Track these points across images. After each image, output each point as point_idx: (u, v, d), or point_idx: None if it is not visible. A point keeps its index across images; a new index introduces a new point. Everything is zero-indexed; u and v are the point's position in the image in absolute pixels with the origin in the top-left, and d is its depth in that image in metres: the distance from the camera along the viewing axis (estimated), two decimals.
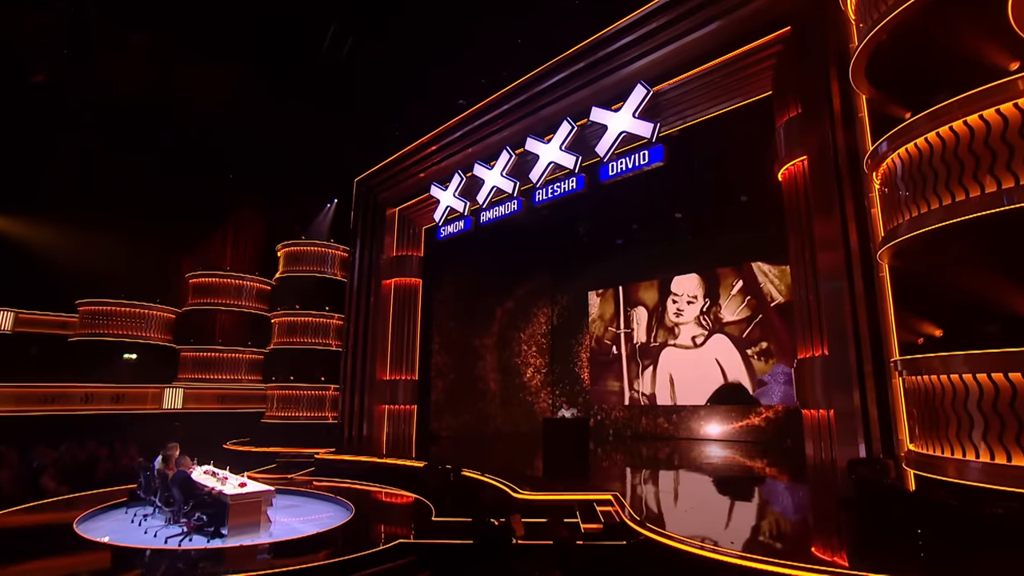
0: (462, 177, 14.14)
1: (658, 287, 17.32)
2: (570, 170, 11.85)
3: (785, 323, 14.19)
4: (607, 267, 18.31)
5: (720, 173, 13.25)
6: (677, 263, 16.64)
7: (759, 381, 14.29)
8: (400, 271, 16.15)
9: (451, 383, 17.22)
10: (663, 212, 15.64)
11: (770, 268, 14.79)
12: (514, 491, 8.45)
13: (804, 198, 8.79)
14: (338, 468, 12.35)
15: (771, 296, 14.68)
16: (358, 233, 16.74)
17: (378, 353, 15.54)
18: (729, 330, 15.41)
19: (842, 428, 7.58)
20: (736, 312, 15.31)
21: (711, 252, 15.78)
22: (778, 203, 12.94)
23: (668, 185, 13.48)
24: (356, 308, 16.16)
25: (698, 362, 15.87)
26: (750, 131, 11.18)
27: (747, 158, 12.20)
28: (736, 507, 7.97)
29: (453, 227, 14.35)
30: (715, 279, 15.94)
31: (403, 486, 10.39)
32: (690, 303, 16.33)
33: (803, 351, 8.67)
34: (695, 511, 7.31)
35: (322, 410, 16.62)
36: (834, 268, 7.83)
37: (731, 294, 15.46)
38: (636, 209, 15.57)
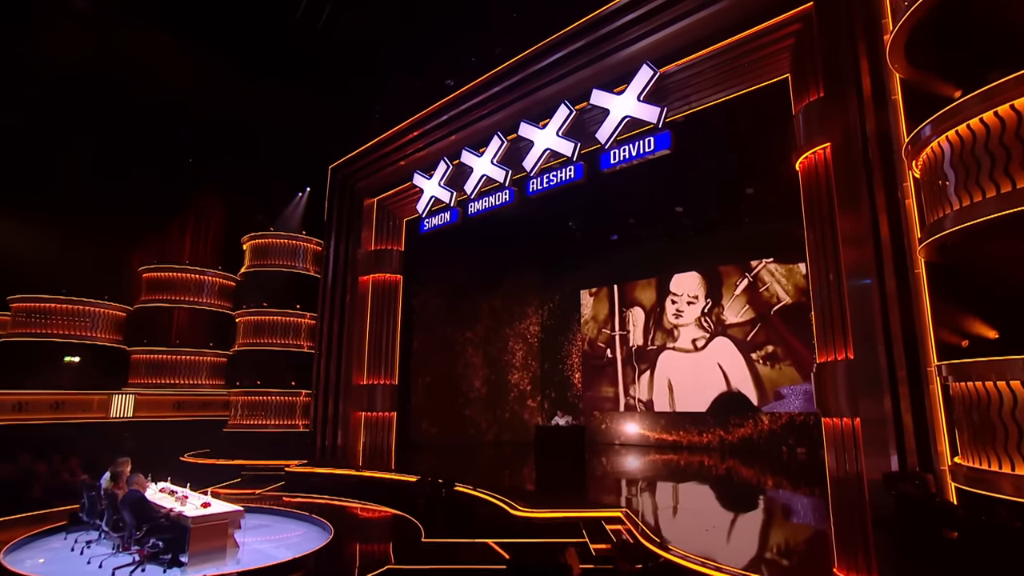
0: (448, 165, 13.75)
1: (656, 286, 17.15)
2: (568, 158, 11.51)
3: (793, 325, 14.14)
4: (601, 264, 18.10)
5: (726, 164, 13.05)
6: (677, 260, 16.49)
7: (776, 393, 14.10)
8: (379, 267, 15.75)
9: (433, 388, 16.89)
10: (662, 205, 15.43)
11: (777, 267, 14.69)
12: (513, 508, 8.02)
13: (825, 189, 8.56)
14: (311, 482, 11.87)
15: (777, 297, 14.57)
16: (333, 225, 16.30)
17: (354, 355, 15.13)
18: (732, 333, 15.26)
19: (870, 438, 7.35)
20: (740, 314, 15.16)
21: (713, 249, 15.65)
22: (788, 196, 12.81)
23: (669, 176, 13.23)
24: (330, 306, 15.72)
25: (699, 367, 15.71)
26: (761, 118, 10.97)
27: (756, 148, 11.99)
28: (759, 526, 7.67)
29: (438, 219, 13.96)
30: (717, 278, 15.78)
31: (385, 502, 9.93)
32: (690, 303, 16.16)
33: (824, 355, 8.44)
34: (717, 530, 6.98)
35: (292, 418, 16.07)
36: (861, 265, 7.60)
37: (735, 294, 15.33)
38: (634, 202, 15.36)
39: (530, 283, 19.42)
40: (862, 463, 7.54)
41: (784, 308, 14.46)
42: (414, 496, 9.09)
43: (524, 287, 19.30)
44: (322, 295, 15.94)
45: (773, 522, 7.92)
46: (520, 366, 19.04)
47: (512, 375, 18.83)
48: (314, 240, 17.29)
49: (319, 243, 17.13)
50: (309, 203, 17.77)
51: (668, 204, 15.46)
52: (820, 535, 6.92)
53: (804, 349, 13.86)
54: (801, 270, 14.09)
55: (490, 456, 15.36)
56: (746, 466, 12.53)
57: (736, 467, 12.43)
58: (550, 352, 19.22)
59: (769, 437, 14.24)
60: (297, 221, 17.54)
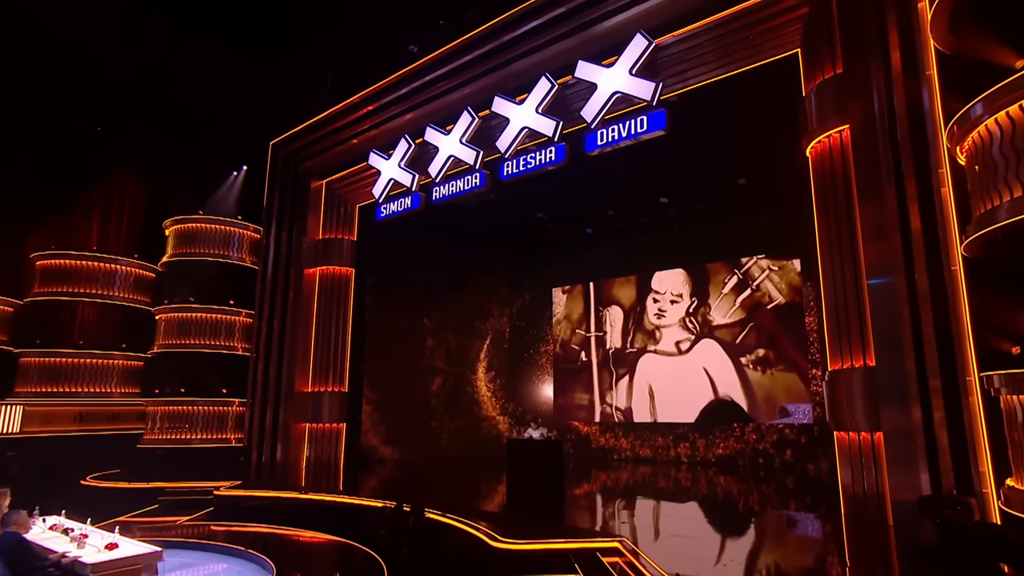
0: (410, 144, 13.09)
1: (636, 283, 16.98)
2: (548, 138, 10.97)
3: (786, 327, 14.11)
4: (576, 259, 17.88)
5: (718, 150, 12.78)
6: (659, 256, 16.38)
7: (782, 409, 13.98)
8: (327, 258, 15.04)
9: (389, 396, 16.34)
10: (645, 195, 15.12)
11: (770, 263, 14.66)
12: (492, 539, 7.36)
13: (842, 178, 8.29)
14: (246, 507, 11.02)
15: (770, 296, 14.53)
16: (274, 210, 15.44)
17: (298, 359, 14.36)
18: (720, 335, 15.18)
19: (895, 455, 7.06)
20: (728, 314, 15.10)
21: (700, 243, 15.57)
22: (784, 187, 12.97)
23: (653, 164, 12.94)
24: (270, 302, 14.87)
25: (683, 372, 15.59)
26: (763, 99, 10.73)
27: (754, 133, 11.72)
28: (774, 556, 7.23)
29: (397, 205, 13.30)
30: (704, 275, 15.71)
31: (335, 530, 9.17)
32: (674, 302, 16.06)
33: (837, 361, 8.14)
34: (735, 565, 6.51)
35: (223, 430, 15.12)
36: (886, 261, 7.29)
37: (722, 293, 15.25)
38: (613, 191, 14.96)
39: (498, 279, 19.12)
40: (884, 483, 7.27)
41: (777, 308, 14.41)
42: (373, 525, 8.33)
43: (491, 284, 18.97)
44: (260, 289, 15.11)
45: (803, 554, 7.61)
46: (486, 371, 18.67)
47: (478, 381, 18.45)
48: (251, 226, 16.37)
49: (257, 230, 16.23)
50: (246, 184, 16.75)
51: (651, 194, 15.13)
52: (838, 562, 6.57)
53: (798, 353, 13.84)
54: (796, 267, 14.12)
55: (455, 473, 14.83)
56: (741, 483, 12.35)
57: (729, 484, 12.23)
58: (519, 355, 18.92)
59: (761, 451, 14.17)
60: (231, 204, 16.53)
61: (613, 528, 8.17)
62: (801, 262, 13.93)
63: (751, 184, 13.65)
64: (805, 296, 13.90)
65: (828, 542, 7.68)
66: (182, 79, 14.60)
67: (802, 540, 8.08)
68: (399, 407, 16.48)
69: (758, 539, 8.09)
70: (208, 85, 14.73)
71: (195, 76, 14.53)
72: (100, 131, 15.82)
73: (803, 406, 13.68)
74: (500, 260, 18.98)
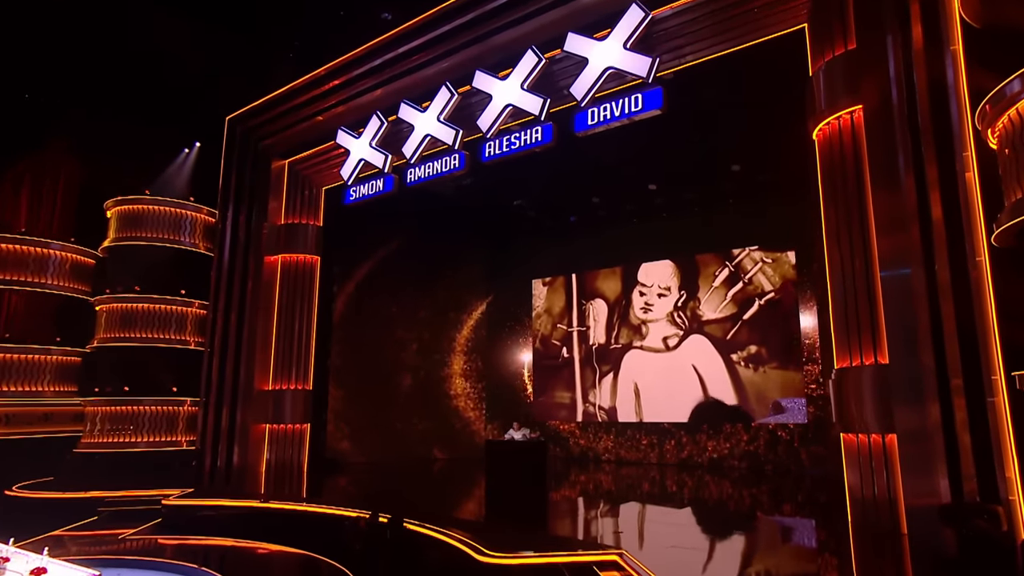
0: (382, 121, 12.69)
1: (621, 276, 16.85)
2: (534, 116, 10.67)
3: (780, 323, 14.07)
4: (558, 249, 17.77)
5: (712, 134, 12.66)
6: (647, 246, 16.27)
7: (776, 405, 13.91)
8: (291, 245, 14.59)
9: (358, 394, 16.05)
10: (632, 182, 15.01)
11: (763, 255, 14.64)
12: (478, 552, 7.00)
13: (852, 162, 8.10)
14: (199, 518, 10.55)
15: (762, 289, 14.53)
16: (231, 191, 14.90)
17: (257, 354, 13.94)
18: (710, 330, 15.13)
19: (910, 459, 6.90)
20: (719, 308, 15.06)
21: (690, 234, 15.53)
22: (780, 174, 13.00)
23: (642, 148, 12.85)
24: (227, 293, 14.39)
25: (670, 369, 15.54)
26: (761, 79, 10.64)
27: (751, 115, 11.69)
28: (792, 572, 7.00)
29: (368, 188, 12.95)
30: (693, 267, 15.63)
31: (300, 543, 8.72)
32: (662, 296, 15.98)
33: (844, 359, 7.97)
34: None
35: (173, 432, 14.56)
36: (902, 252, 7.11)
37: (713, 286, 15.20)
38: (599, 177, 14.82)
39: (474, 270, 18.91)
40: (897, 488, 7.13)
41: (771, 303, 14.39)
42: (346, 537, 7.92)
43: (467, 275, 18.77)
44: (216, 278, 14.62)
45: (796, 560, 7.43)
46: (462, 368, 18.45)
47: (453, 378, 18.22)
48: (205, 209, 15.71)
49: (212, 213, 15.59)
50: (200, 163, 16.12)
51: (639, 180, 15.01)
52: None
53: (792, 350, 13.84)
54: (790, 260, 14.14)
55: (429, 477, 14.58)
56: (733, 486, 12.29)
57: (722, 488, 12.15)
58: (497, 351, 18.74)
59: (753, 452, 14.16)
60: (183, 184, 15.86)
61: (605, 538, 7.85)
62: (796, 254, 13.94)
63: (745, 171, 13.58)
64: (800, 290, 13.89)
65: (835, 552, 7.50)
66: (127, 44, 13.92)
67: (808, 551, 7.92)
68: (369, 406, 16.21)
69: (762, 549, 7.87)
70: (156, 52, 14.06)
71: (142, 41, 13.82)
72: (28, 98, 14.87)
73: (797, 404, 13.66)
74: (477, 249, 18.79)
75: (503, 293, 19.01)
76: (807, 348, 13.61)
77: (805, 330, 13.69)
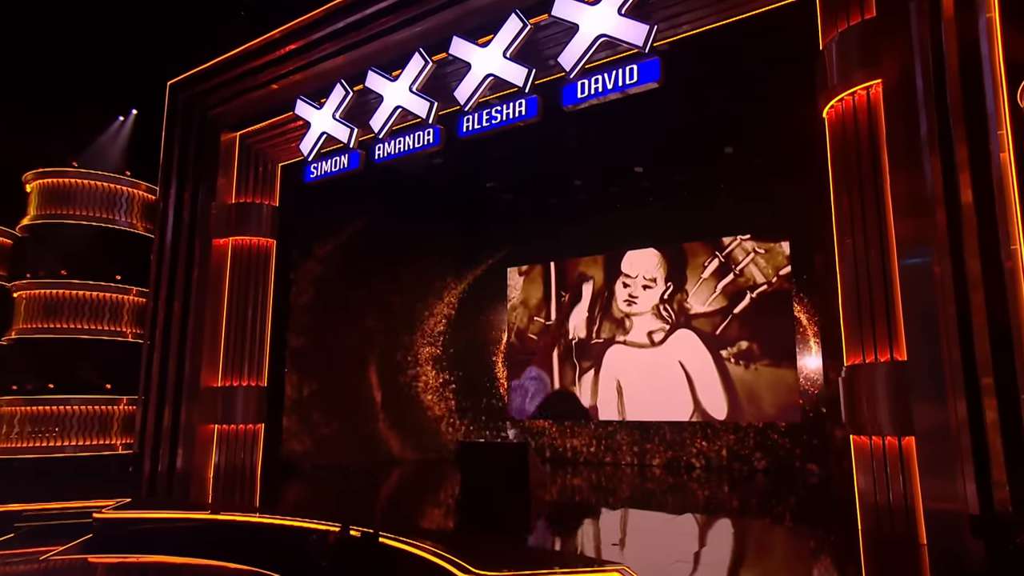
0: (347, 91, 12.26)
1: (604, 265, 16.71)
2: (518, 88, 10.32)
3: (773, 317, 14.04)
4: (535, 236, 17.57)
5: (704, 113, 12.48)
6: (631, 234, 16.14)
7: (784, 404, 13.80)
8: (243, 226, 14.14)
9: (318, 390, 15.72)
10: (617, 163, 14.85)
11: (755, 245, 14.57)
12: (462, 570, 6.55)
13: (868, 142, 7.88)
14: (137, 533, 9.90)
15: (754, 281, 14.49)
16: (174, 165, 14.35)
17: (205, 347, 13.55)
18: (698, 324, 15.07)
19: (931, 464, 6.75)
20: (708, 301, 14.99)
21: (678, 221, 15.41)
22: (778, 159, 12.88)
23: (628, 126, 12.68)
24: (169, 278, 13.94)
25: (655, 365, 15.46)
26: (762, 52, 10.51)
27: (747, 93, 11.57)
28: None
29: (331, 164, 12.57)
30: (681, 257, 15.53)
31: (257, 561, 8.32)
32: (647, 287, 15.87)
33: (855, 355, 7.81)
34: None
35: (107, 435, 14.01)
36: (925, 239, 6.90)
37: (702, 277, 15.12)
38: (581, 158, 14.69)
39: (445, 257, 18.66)
40: (915, 495, 6.97)
41: (763, 295, 14.34)
42: (314, 553, 7.47)
43: (438, 262, 18.52)
44: (157, 262, 14.14)
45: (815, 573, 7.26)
46: (430, 363, 18.20)
47: (421, 374, 17.95)
48: (144, 185, 15.06)
49: (152, 189, 14.99)
50: (136, 133, 15.33)
51: (625, 162, 14.84)
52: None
53: (786, 346, 13.81)
54: (784, 250, 14.12)
55: (397, 481, 14.28)
56: (725, 490, 12.30)
57: (714, 492, 12.17)
58: (468, 345, 18.53)
59: (745, 454, 14.19)
60: (117, 156, 15.09)
61: (601, 550, 7.51)
62: (791, 244, 13.91)
63: (739, 154, 13.47)
64: (795, 283, 13.89)
65: (849, 562, 7.32)
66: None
67: (821, 561, 7.74)
68: (330, 403, 15.89)
69: (774, 561, 7.66)
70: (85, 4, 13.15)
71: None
72: None
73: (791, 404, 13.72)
74: (449, 234, 18.49)
75: (477, 282, 18.77)
76: (802, 344, 13.62)
77: (800, 325, 13.68)
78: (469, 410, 18.14)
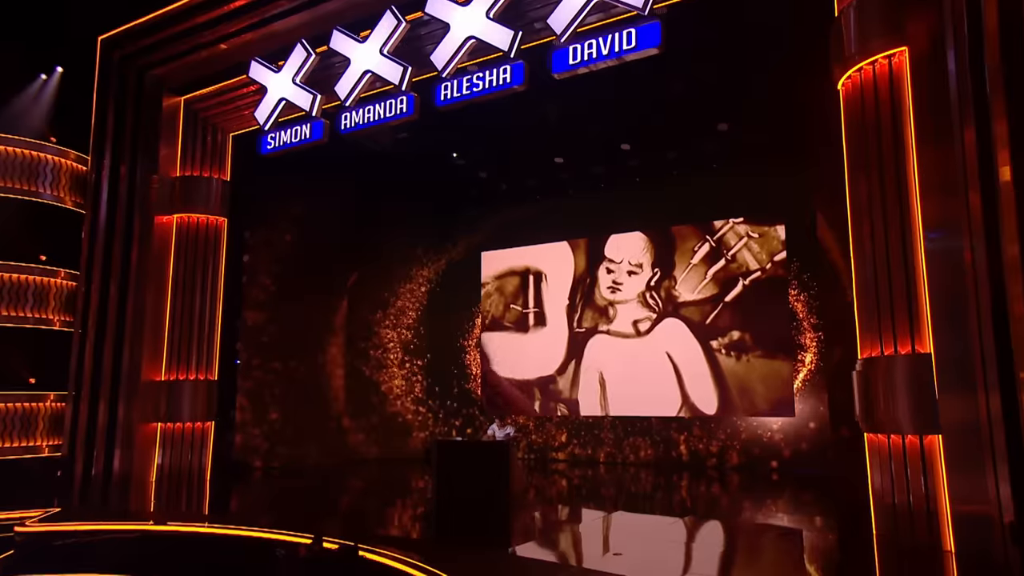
0: (309, 53, 11.81)
1: (586, 250, 16.55)
2: (503, 53, 9.98)
3: (767, 306, 14.04)
4: (512, 218, 17.36)
5: (699, 85, 12.22)
6: (616, 216, 15.99)
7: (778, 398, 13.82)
8: (189, 202, 13.67)
9: (275, 385, 15.50)
10: (601, 140, 14.55)
11: (749, 229, 14.53)
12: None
13: (889, 116, 7.68)
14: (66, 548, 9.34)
15: (747, 267, 14.47)
16: (108, 132, 13.75)
17: (146, 337, 13.17)
18: (687, 313, 15.01)
19: (958, 463, 6.63)
20: (698, 289, 14.93)
21: (666, 202, 15.30)
22: (775, 135, 12.80)
23: (614, 100, 12.48)
24: (104, 260, 13.44)
25: (641, 357, 15.40)
26: (763, 21, 10.30)
27: (747, 64, 11.37)
28: None
29: (291, 135, 12.16)
30: (669, 241, 15.45)
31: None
32: (632, 274, 15.78)
33: (870, 347, 7.65)
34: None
35: (30, 435, 13.51)
36: (956, 222, 6.70)
37: (691, 263, 15.04)
38: (563, 134, 14.29)
39: (415, 239, 18.39)
40: (940, 498, 6.86)
41: (756, 283, 14.33)
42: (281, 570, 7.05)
43: (406, 245, 18.27)
44: (89, 242, 13.61)
45: None
46: (399, 354, 17.96)
47: (390, 366, 17.73)
48: (73, 154, 14.38)
49: (82, 159, 14.30)
50: (63, 94, 14.56)
51: (610, 138, 14.54)
52: None
53: (781, 337, 13.82)
54: (779, 235, 14.12)
55: (364, 483, 14.00)
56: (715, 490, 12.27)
57: (706, 492, 12.11)
58: (439, 334, 18.28)
59: (737, 451, 14.20)
60: (39, 120, 14.35)
61: (604, 561, 7.20)
62: (786, 229, 13.91)
63: (733, 131, 13.30)
64: (790, 269, 13.88)
65: (868, 570, 7.18)
66: None
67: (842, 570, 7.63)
68: (288, 399, 15.61)
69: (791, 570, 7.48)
70: None
71: None
72: None
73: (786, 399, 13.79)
74: (419, 215, 18.19)
75: (449, 267, 18.54)
76: (798, 335, 13.65)
77: (796, 314, 13.70)
78: (439, 404, 17.95)
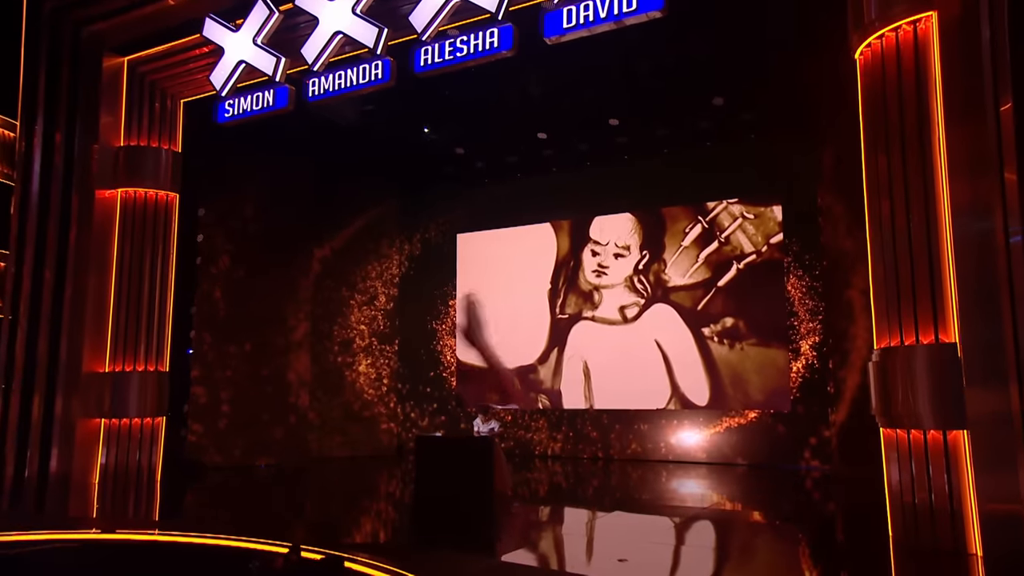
0: (271, 10, 11.33)
1: (569, 231, 16.46)
2: (491, 14, 9.68)
3: (762, 291, 14.01)
4: (491, 197, 17.19)
5: (694, 57, 12.03)
6: (602, 196, 15.89)
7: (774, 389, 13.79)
8: (135, 175, 13.21)
9: (234, 376, 15.27)
10: (587, 114, 14.28)
11: (743, 210, 14.47)
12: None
13: (913, 89, 7.53)
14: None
15: (742, 250, 14.43)
16: (39, 95, 13.43)
17: (87, 324, 12.84)
18: (677, 298, 14.97)
19: (986, 460, 6.52)
20: (689, 272, 14.87)
21: (656, 182, 15.22)
22: (772, 111, 12.71)
23: (602, 73, 12.35)
24: (37, 239, 13.14)
25: (628, 345, 15.36)
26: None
27: (748, 34, 11.16)
28: None
29: (251, 102, 11.80)
30: (659, 222, 15.37)
31: None
32: (619, 256, 15.73)
33: (889, 336, 7.52)
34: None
35: None
36: (987, 204, 6.55)
37: (682, 245, 14.98)
38: (546, 107, 13.99)
39: (386, 219, 18.14)
40: (965, 497, 6.77)
41: (751, 266, 14.30)
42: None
43: (377, 225, 17.99)
44: (20, 219, 13.31)
45: None
46: (367, 342, 17.69)
47: (356, 355, 17.46)
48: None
49: (10, 124, 14.34)
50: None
51: (597, 113, 14.27)
52: None
53: (777, 324, 13.82)
54: (776, 216, 14.06)
55: (333, 481, 13.79)
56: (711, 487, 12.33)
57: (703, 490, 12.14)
58: (412, 321, 18.10)
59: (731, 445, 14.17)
60: None
61: (608, 570, 6.94)
62: (783, 209, 13.87)
63: (729, 105, 13.10)
64: (787, 252, 13.85)
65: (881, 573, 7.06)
66: None
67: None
68: (248, 391, 15.33)
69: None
70: None
71: None
72: None
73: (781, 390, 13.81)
74: (390, 192, 17.95)
75: (422, 249, 18.32)
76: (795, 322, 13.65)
77: (793, 301, 13.69)
78: (411, 395, 17.79)
